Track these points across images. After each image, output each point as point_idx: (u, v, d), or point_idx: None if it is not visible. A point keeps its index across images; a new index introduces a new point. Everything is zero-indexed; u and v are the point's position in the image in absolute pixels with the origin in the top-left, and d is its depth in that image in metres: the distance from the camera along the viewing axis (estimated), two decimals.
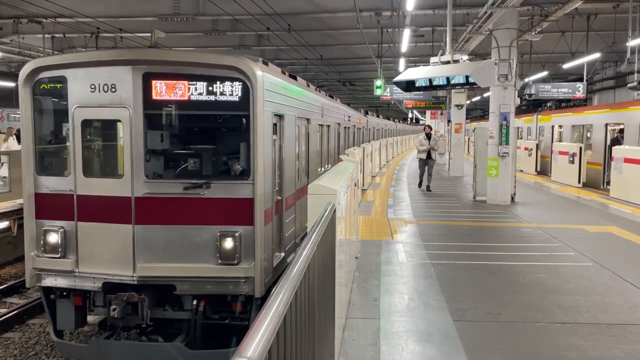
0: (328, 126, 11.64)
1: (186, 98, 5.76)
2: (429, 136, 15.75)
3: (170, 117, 6.16)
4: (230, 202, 5.80)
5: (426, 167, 15.61)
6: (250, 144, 5.76)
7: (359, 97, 47.23)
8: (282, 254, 6.81)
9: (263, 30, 17.30)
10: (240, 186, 5.81)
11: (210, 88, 5.74)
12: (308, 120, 8.84)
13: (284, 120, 6.93)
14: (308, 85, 9.74)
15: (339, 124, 13.86)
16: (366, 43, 17.12)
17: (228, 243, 5.72)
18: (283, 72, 7.67)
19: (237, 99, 5.75)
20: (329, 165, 11.56)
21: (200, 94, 5.74)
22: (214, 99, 5.75)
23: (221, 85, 5.74)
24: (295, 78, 8.40)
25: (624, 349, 4.57)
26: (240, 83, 5.72)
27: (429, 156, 15.47)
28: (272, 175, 6.34)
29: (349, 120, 16.88)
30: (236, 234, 5.72)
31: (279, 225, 6.78)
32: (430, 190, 15.28)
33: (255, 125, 5.74)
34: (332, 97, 14.75)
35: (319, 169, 10.29)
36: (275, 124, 6.52)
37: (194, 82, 5.73)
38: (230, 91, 5.74)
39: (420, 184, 15.88)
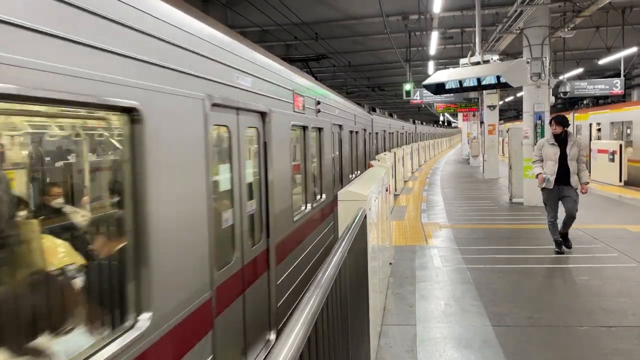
0: None
1: None
2: (561, 140, 7.49)
3: None
4: None
5: (561, 203, 7.60)
6: None
7: (388, 102, 47.08)
8: None
9: (291, 40, 17.46)
10: None
11: None
12: None
13: None
14: None
15: None
16: (394, 47, 17.07)
17: None
18: None
19: None
20: None
21: None
22: None
23: None
24: None
25: None
26: None
27: (564, 180, 7.39)
28: None
29: None
30: None
31: None
32: (569, 247, 7.75)
33: None
34: None
35: None
36: None
37: None
38: None
39: (557, 244, 7.69)
